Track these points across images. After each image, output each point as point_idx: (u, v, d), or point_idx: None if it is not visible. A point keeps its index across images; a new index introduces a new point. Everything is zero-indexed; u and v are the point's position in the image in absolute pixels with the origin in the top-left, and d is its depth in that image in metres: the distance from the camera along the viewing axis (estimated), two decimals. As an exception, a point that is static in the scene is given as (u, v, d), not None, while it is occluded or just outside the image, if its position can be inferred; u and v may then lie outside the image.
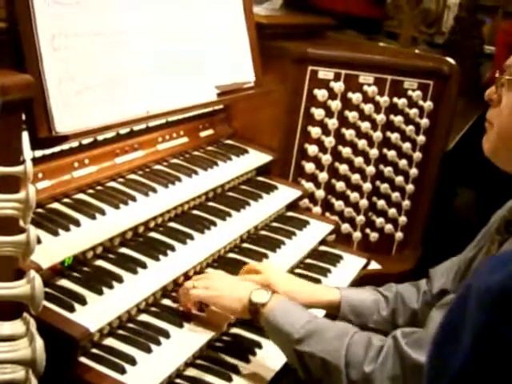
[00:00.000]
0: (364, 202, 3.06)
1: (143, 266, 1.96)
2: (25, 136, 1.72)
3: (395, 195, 3.12)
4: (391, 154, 3.07)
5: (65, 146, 2.02)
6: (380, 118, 3.01)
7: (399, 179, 3.11)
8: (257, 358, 1.93)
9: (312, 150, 2.95)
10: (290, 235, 2.57)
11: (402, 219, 3.16)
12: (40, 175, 1.97)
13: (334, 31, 3.54)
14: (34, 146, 1.79)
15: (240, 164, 2.72)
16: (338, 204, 3.03)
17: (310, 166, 2.97)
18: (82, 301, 1.75)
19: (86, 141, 2.11)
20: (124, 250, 2.03)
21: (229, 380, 1.81)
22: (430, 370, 0.98)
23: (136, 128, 2.33)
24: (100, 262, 1.95)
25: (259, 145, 2.89)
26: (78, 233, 1.91)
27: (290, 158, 2.96)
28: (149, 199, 2.20)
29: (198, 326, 1.92)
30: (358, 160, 3.01)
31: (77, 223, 1.94)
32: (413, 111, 3.06)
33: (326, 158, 2.97)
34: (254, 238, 2.50)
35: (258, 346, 1.96)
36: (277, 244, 2.47)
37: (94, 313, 1.73)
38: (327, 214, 3.02)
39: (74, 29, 1.91)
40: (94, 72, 1.96)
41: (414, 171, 3.13)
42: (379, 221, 3.12)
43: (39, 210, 1.94)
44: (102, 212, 2.03)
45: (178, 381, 1.78)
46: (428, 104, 3.08)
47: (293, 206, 2.81)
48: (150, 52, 2.18)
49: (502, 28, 4.83)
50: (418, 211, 3.17)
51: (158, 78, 2.20)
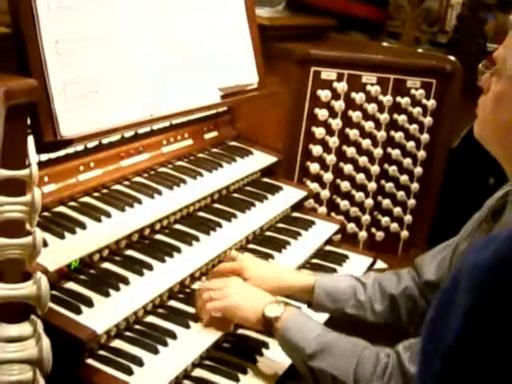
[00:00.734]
0: (369, 202, 3.07)
1: (149, 267, 1.97)
2: (30, 140, 1.73)
3: (400, 194, 3.12)
4: (395, 152, 3.07)
5: (70, 150, 2.03)
6: (384, 117, 3.02)
7: (404, 178, 3.11)
8: (264, 359, 1.93)
9: (316, 150, 2.96)
10: (296, 236, 2.58)
11: (408, 218, 3.16)
12: (46, 179, 1.98)
13: (337, 32, 3.55)
14: (40, 149, 1.80)
15: (245, 165, 2.73)
16: (344, 204, 3.04)
17: (314, 167, 2.97)
18: (88, 303, 1.76)
19: (91, 144, 2.12)
20: (130, 253, 2.04)
21: (236, 380, 1.82)
22: (423, 348, 0.99)
23: (140, 131, 2.34)
24: (106, 265, 1.96)
25: (264, 146, 2.90)
26: (84, 236, 1.92)
27: (295, 159, 2.97)
28: (154, 201, 2.21)
29: (205, 327, 1.93)
30: (363, 159, 3.02)
31: (83, 226, 1.95)
32: (416, 110, 3.07)
33: (331, 158, 2.98)
34: (259, 238, 2.50)
35: (265, 347, 1.97)
36: (282, 244, 2.48)
37: (101, 315, 1.74)
38: (333, 213, 3.03)
39: (78, 33, 1.92)
40: (98, 76, 1.97)
41: (418, 170, 3.13)
42: (385, 220, 3.12)
43: (45, 214, 1.95)
44: (108, 215, 2.04)
45: (186, 382, 1.79)
46: (431, 102, 3.09)
47: (298, 206, 2.81)
48: (153, 55, 2.19)
49: None
50: (423, 209, 3.18)
51: (161, 80, 2.21)
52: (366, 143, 3.01)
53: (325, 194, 3.00)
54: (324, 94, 2.92)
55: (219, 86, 2.48)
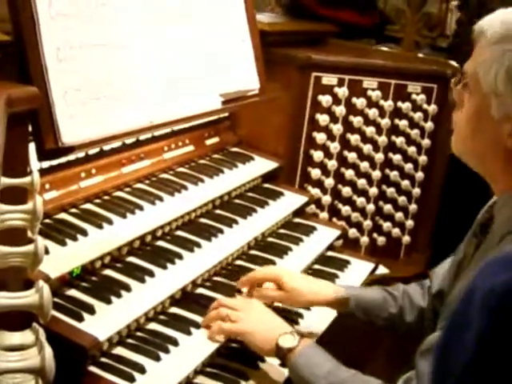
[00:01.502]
0: (371, 207, 3.07)
1: (151, 274, 1.97)
2: (32, 147, 1.73)
3: (402, 199, 3.12)
4: (397, 158, 3.07)
5: (71, 157, 2.03)
6: (385, 122, 3.01)
7: (405, 183, 3.11)
8: (266, 365, 1.92)
9: (317, 155, 2.96)
10: (298, 241, 2.58)
11: (409, 223, 3.16)
12: (47, 186, 1.98)
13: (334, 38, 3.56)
14: (41, 157, 1.80)
15: (246, 171, 2.73)
16: (345, 209, 3.03)
17: (315, 172, 2.97)
18: (90, 310, 1.75)
19: (92, 151, 2.13)
20: (132, 259, 2.04)
21: (238, 387, 1.82)
22: (436, 372, 0.98)
23: (142, 137, 2.34)
24: (108, 272, 1.95)
25: (265, 152, 2.90)
26: (85, 243, 1.92)
27: (296, 165, 2.97)
28: (156, 208, 2.21)
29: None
30: (364, 165, 3.02)
31: (84, 233, 1.95)
32: (417, 115, 3.07)
33: (332, 164, 2.98)
34: (261, 244, 2.50)
35: (268, 353, 1.96)
36: (284, 250, 2.48)
37: (103, 322, 1.74)
38: (334, 219, 3.02)
39: (79, 40, 1.92)
40: (99, 83, 1.97)
41: (419, 175, 3.13)
42: (386, 225, 3.12)
43: (47, 221, 1.95)
44: (110, 222, 2.04)
45: (188, 388, 1.79)
46: (432, 107, 3.08)
47: (299, 212, 2.81)
48: (154, 61, 2.19)
49: None
50: (424, 215, 3.18)
51: (162, 87, 2.21)
52: (367, 148, 3.01)
53: (326, 199, 3.00)
54: (325, 100, 2.92)
55: (220, 91, 2.48)
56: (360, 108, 2.97)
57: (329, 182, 2.99)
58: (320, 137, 2.95)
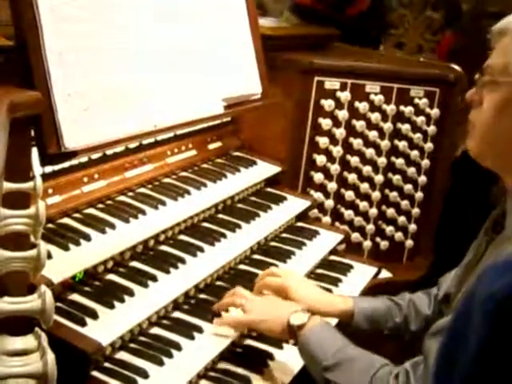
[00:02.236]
0: (373, 211, 3.06)
1: (154, 279, 1.97)
2: (34, 152, 1.73)
3: (404, 203, 3.11)
4: (399, 162, 3.07)
5: (74, 162, 2.03)
6: (387, 126, 3.01)
7: (408, 187, 3.11)
8: (269, 370, 1.92)
9: (320, 160, 2.96)
10: (300, 245, 2.58)
11: (412, 227, 3.15)
12: (50, 191, 1.98)
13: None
14: (44, 162, 1.80)
15: (249, 175, 2.73)
16: (348, 213, 3.03)
17: (318, 176, 2.97)
18: (93, 315, 1.75)
19: (95, 156, 2.13)
20: (135, 264, 2.04)
21: (241, 392, 1.82)
22: (438, 378, 0.98)
23: (145, 142, 2.34)
24: (111, 276, 1.95)
25: (267, 156, 2.90)
26: (88, 247, 1.92)
27: (299, 169, 2.97)
28: (158, 212, 2.21)
29: (210, 338, 1.93)
30: (367, 169, 3.01)
31: (87, 238, 1.95)
32: (420, 119, 3.06)
33: (335, 168, 2.98)
34: (264, 249, 2.50)
35: (271, 358, 1.96)
36: (287, 255, 2.48)
37: (106, 327, 1.74)
38: (337, 223, 3.02)
39: (82, 45, 1.92)
40: (102, 87, 1.97)
41: (422, 179, 3.12)
42: (389, 229, 3.11)
43: (50, 226, 1.95)
44: (112, 226, 2.04)
45: (191, 393, 1.78)
46: (435, 111, 3.08)
47: (302, 216, 2.81)
48: (156, 66, 2.19)
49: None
50: (427, 218, 3.17)
51: (165, 91, 2.21)
52: (370, 152, 3.01)
53: (329, 203, 2.99)
54: (327, 104, 2.92)
55: (223, 96, 2.49)
56: (363, 112, 2.97)
57: (331, 186, 2.98)
58: (323, 141, 2.95)
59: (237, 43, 2.62)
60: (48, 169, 1.96)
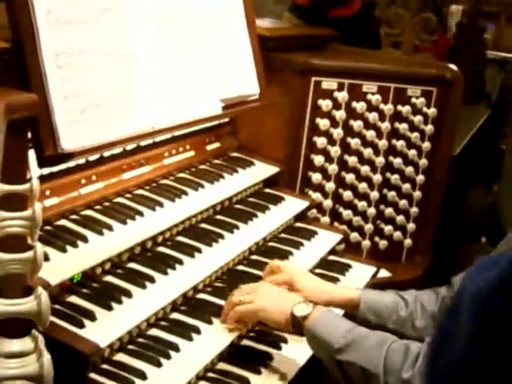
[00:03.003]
0: (372, 211, 3.06)
1: (152, 280, 1.97)
2: (31, 154, 1.73)
3: (403, 202, 3.12)
4: (397, 161, 3.07)
5: (71, 163, 2.03)
6: (385, 126, 3.01)
7: (406, 186, 3.11)
8: (268, 370, 1.92)
9: (318, 160, 2.96)
10: (299, 246, 2.58)
11: (411, 226, 3.15)
12: (47, 192, 1.98)
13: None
14: (41, 163, 1.80)
15: (247, 176, 2.73)
16: (346, 213, 3.03)
17: (316, 177, 2.97)
18: (91, 317, 1.75)
19: (92, 157, 2.13)
20: (132, 265, 2.04)
21: (240, 392, 1.82)
22: (429, 370, 0.99)
23: (142, 143, 2.34)
24: (109, 278, 1.95)
25: (265, 157, 2.90)
26: (86, 249, 1.92)
27: (297, 169, 2.97)
28: (156, 214, 2.21)
29: (209, 339, 1.93)
30: (365, 169, 3.02)
31: (85, 239, 1.95)
32: (417, 118, 3.07)
33: (333, 168, 2.98)
34: (262, 249, 2.50)
35: (269, 358, 1.96)
36: (285, 255, 2.48)
37: (104, 328, 1.74)
38: (335, 223, 3.02)
39: (78, 47, 1.92)
40: (99, 89, 1.97)
41: (420, 178, 3.13)
42: (388, 228, 3.11)
43: (47, 228, 1.95)
44: (110, 228, 2.04)
45: (190, 394, 1.78)
46: (432, 111, 3.08)
47: (301, 216, 2.81)
48: (153, 67, 2.19)
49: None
50: (426, 217, 3.17)
51: (162, 93, 2.21)
52: (368, 152, 3.01)
53: (327, 203, 2.99)
54: (325, 104, 2.92)
55: (220, 97, 2.49)
56: (360, 112, 2.97)
57: (330, 186, 2.98)
58: (320, 141, 2.95)
59: (234, 44, 2.62)
60: (45, 171, 1.96)
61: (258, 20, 2.88)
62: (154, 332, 1.91)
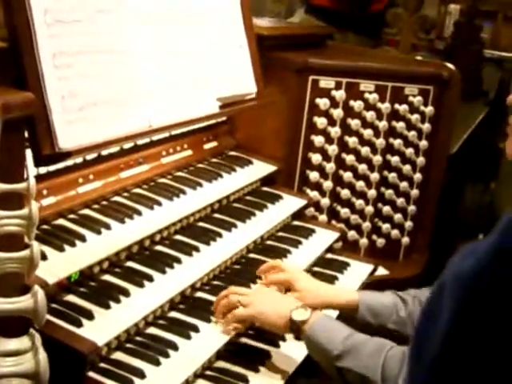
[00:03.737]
0: (369, 209, 3.07)
1: (150, 279, 1.97)
2: (28, 153, 1.73)
3: (400, 201, 3.12)
4: (395, 159, 3.08)
5: (69, 162, 2.03)
6: (382, 124, 3.02)
7: (404, 185, 3.11)
8: (266, 368, 1.93)
9: (316, 158, 2.96)
10: (297, 244, 2.58)
11: (408, 224, 3.16)
12: (45, 192, 1.98)
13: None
14: (38, 162, 1.80)
15: (244, 175, 2.74)
16: (344, 211, 3.04)
17: (314, 175, 2.97)
18: (89, 316, 1.75)
19: (90, 156, 2.13)
20: (130, 264, 2.04)
21: (238, 390, 1.82)
22: (411, 355, 1.00)
23: (140, 142, 2.34)
24: (107, 277, 1.95)
25: (263, 155, 2.91)
26: (83, 248, 1.92)
27: (295, 168, 2.97)
28: (154, 213, 2.21)
29: (207, 337, 1.93)
30: (362, 167, 3.02)
31: (82, 238, 1.95)
32: (414, 117, 3.07)
33: (330, 167, 2.98)
34: (260, 248, 2.50)
35: (268, 356, 1.96)
36: (283, 253, 2.48)
37: (102, 327, 1.74)
38: (333, 221, 3.03)
39: (75, 47, 1.92)
40: (96, 88, 1.97)
41: (418, 176, 3.13)
42: (385, 226, 3.12)
43: (45, 227, 1.95)
44: (108, 227, 2.04)
45: (188, 392, 1.79)
46: (429, 109, 3.09)
47: (298, 215, 2.82)
48: (151, 66, 2.20)
49: None
50: (423, 216, 3.18)
51: (160, 92, 2.22)
52: (366, 151, 3.01)
53: (325, 202, 3.00)
54: (323, 103, 2.93)
55: (218, 96, 2.49)
56: (357, 111, 2.98)
57: (327, 184, 2.99)
58: (318, 140, 2.95)
59: (231, 43, 2.62)
60: (43, 170, 1.96)
61: (256, 19, 2.89)
62: (152, 331, 1.91)
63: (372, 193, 3.06)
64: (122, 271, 1.99)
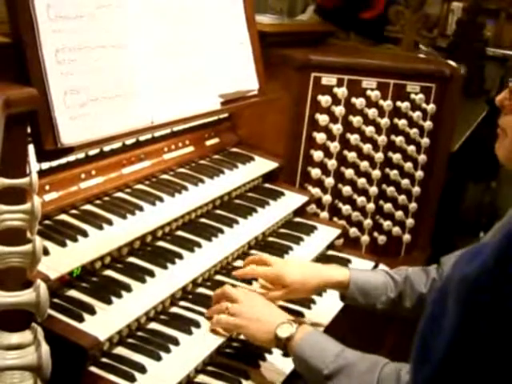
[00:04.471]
0: (371, 206, 3.07)
1: (151, 274, 1.98)
2: (31, 148, 1.74)
3: (402, 198, 3.13)
4: (396, 157, 3.08)
5: (71, 158, 2.04)
6: (384, 121, 3.02)
7: (405, 182, 3.12)
8: (266, 364, 1.93)
9: (317, 155, 2.97)
10: (298, 241, 2.58)
11: (410, 221, 3.16)
12: (47, 187, 1.99)
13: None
14: (40, 158, 1.80)
15: (246, 171, 2.74)
16: (345, 208, 3.04)
17: (316, 172, 2.98)
18: (90, 310, 1.76)
19: (92, 152, 2.13)
20: (132, 260, 2.04)
21: (239, 385, 1.82)
22: (415, 358, 1.00)
23: (142, 138, 2.35)
24: (108, 272, 1.96)
25: (265, 152, 2.91)
26: (85, 243, 1.93)
27: (296, 164, 2.98)
28: (156, 208, 2.22)
29: (208, 333, 1.94)
30: (364, 164, 3.02)
31: (84, 234, 1.96)
32: (416, 114, 3.07)
33: (332, 163, 2.98)
34: (261, 244, 2.51)
35: (268, 352, 1.97)
36: (285, 250, 2.48)
37: (103, 322, 1.75)
38: (335, 218, 3.03)
39: (78, 42, 1.92)
40: (99, 84, 1.98)
41: (419, 173, 3.14)
42: (387, 224, 3.12)
43: (47, 222, 1.96)
44: (110, 222, 2.05)
45: (189, 387, 1.79)
46: (431, 106, 3.09)
47: (300, 211, 2.82)
48: (153, 62, 2.20)
49: None
50: (425, 213, 3.18)
51: (162, 87, 2.22)
52: (367, 148, 3.01)
53: (326, 198, 3.00)
54: (324, 100, 2.93)
55: (220, 92, 2.49)
56: (359, 108, 2.98)
57: (329, 181, 2.99)
58: (320, 137, 2.96)
59: (234, 39, 2.63)
60: (45, 165, 1.97)
61: (258, 16, 2.89)
62: (153, 326, 1.92)
63: (373, 190, 3.06)
64: (123, 266, 2.00)
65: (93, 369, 1.70)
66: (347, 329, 2.18)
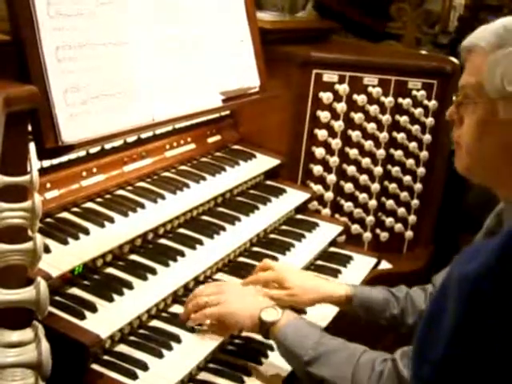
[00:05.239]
0: (373, 203, 3.07)
1: (153, 272, 1.98)
2: (32, 146, 1.74)
3: (404, 194, 3.12)
4: (398, 153, 3.08)
5: (72, 156, 2.04)
6: (385, 118, 3.02)
7: (407, 178, 3.11)
8: (268, 361, 1.93)
9: (319, 152, 2.96)
10: (300, 238, 2.58)
11: (412, 218, 3.16)
12: (48, 185, 1.99)
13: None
14: (41, 156, 1.80)
15: (248, 169, 2.74)
16: (347, 205, 3.04)
17: (317, 169, 2.97)
18: (92, 308, 1.76)
19: (93, 150, 2.13)
20: (134, 257, 2.05)
21: (241, 383, 1.82)
22: (415, 355, 1.00)
23: (143, 136, 2.35)
24: (110, 270, 1.96)
25: (267, 149, 2.91)
26: (87, 241, 1.93)
27: (298, 161, 2.97)
28: (157, 206, 2.22)
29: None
30: (366, 161, 3.02)
31: (86, 232, 1.96)
32: (418, 111, 3.07)
33: (334, 160, 2.98)
34: (263, 241, 2.51)
35: (270, 349, 1.96)
36: (286, 247, 2.48)
37: (105, 320, 1.75)
38: (337, 215, 3.03)
39: (78, 40, 1.92)
40: (99, 81, 1.98)
41: (421, 170, 3.13)
42: (389, 220, 3.12)
43: (48, 220, 1.96)
44: (111, 220, 2.05)
45: (191, 385, 1.79)
46: (432, 103, 3.09)
47: (302, 208, 2.82)
48: (154, 60, 2.20)
49: None
50: (427, 209, 3.18)
51: (163, 85, 2.22)
52: (369, 144, 3.01)
53: (328, 195, 3.00)
54: (326, 96, 2.93)
55: (221, 89, 2.49)
56: (361, 104, 2.98)
57: (331, 178, 2.99)
58: (321, 133, 2.95)
59: (235, 36, 2.62)
60: (46, 163, 1.97)
61: (259, 13, 2.89)
62: (155, 323, 1.92)
63: (375, 186, 3.06)
64: (125, 264, 2.00)
65: (95, 366, 1.70)
66: (346, 327, 2.17)
